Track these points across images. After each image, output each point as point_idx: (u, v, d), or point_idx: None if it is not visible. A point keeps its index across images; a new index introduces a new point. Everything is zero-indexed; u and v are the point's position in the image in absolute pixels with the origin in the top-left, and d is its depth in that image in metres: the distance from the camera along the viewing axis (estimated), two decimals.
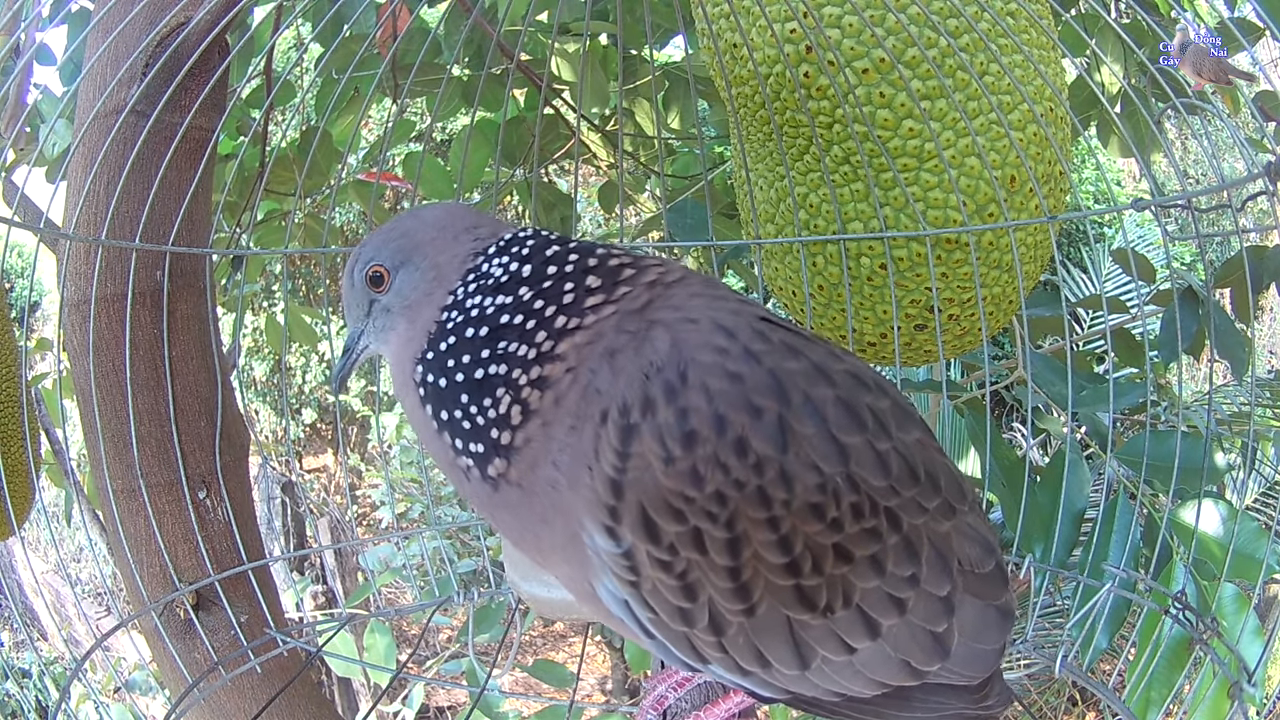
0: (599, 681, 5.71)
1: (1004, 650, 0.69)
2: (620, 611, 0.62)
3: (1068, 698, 4.00)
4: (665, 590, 0.59)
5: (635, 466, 0.57)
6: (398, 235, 0.70)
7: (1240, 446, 1.97)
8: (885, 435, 0.61)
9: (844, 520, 0.58)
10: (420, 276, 0.68)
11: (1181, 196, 1.00)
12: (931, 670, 0.64)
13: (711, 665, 0.62)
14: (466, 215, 0.70)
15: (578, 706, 1.36)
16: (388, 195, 3.37)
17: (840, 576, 0.59)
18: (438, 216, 0.70)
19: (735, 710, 0.76)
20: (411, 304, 0.68)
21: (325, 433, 7.41)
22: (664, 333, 0.60)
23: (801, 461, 0.57)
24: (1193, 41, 1.19)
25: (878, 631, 0.61)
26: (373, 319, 0.71)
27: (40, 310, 6.25)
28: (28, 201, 1.61)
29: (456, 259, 0.67)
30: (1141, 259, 1.43)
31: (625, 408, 0.57)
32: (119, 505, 1.25)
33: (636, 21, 1.86)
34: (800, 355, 0.61)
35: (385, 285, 0.69)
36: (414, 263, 0.68)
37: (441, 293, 0.66)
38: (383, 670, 1.40)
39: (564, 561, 0.63)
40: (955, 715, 0.68)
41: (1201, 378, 1.53)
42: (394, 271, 0.69)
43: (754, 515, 0.57)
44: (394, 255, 0.69)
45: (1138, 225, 5.68)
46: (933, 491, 0.63)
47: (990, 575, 0.67)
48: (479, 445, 0.62)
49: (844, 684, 0.63)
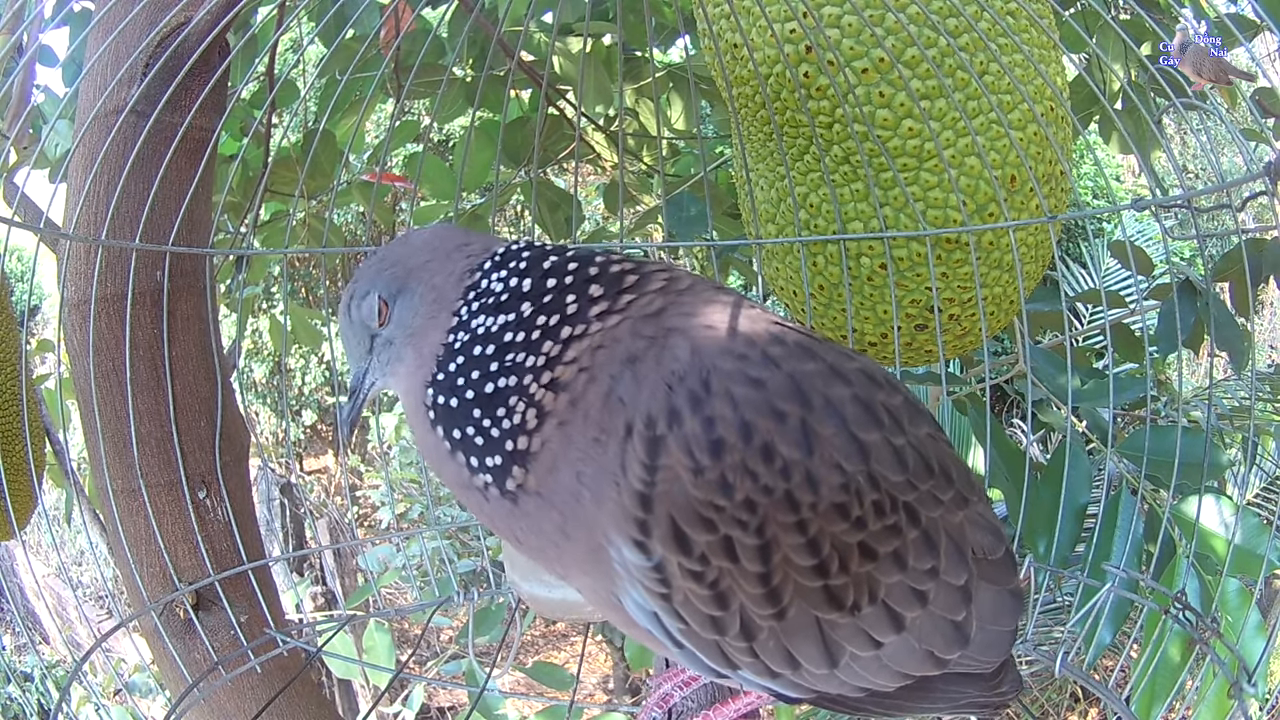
0: (600, 681, 5.71)
1: (1016, 634, 0.71)
2: (649, 623, 0.62)
3: (1070, 694, 4.00)
4: (697, 600, 0.59)
5: (664, 479, 0.57)
6: (390, 264, 0.68)
7: (1241, 441, 1.97)
8: (900, 431, 0.62)
9: (867, 518, 0.59)
10: (419, 301, 0.66)
11: (1182, 196, 1.00)
12: (953, 658, 0.66)
13: (741, 671, 0.62)
14: (455, 234, 0.69)
15: (578, 706, 1.36)
16: (389, 195, 3.38)
17: (866, 574, 0.60)
18: (426, 239, 0.69)
19: (743, 710, 0.76)
20: (415, 331, 0.66)
21: (325, 434, 7.42)
22: (683, 340, 0.60)
23: (825, 463, 0.58)
24: (1193, 41, 1.19)
25: (902, 625, 0.62)
26: (376, 354, 0.69)
27: (40, 314, 6.25)
28: (28, 201, 1.61)
29: (454, 277, 0.66)
30: (1140, 253, 1.43)
31: (651, 420, 0.57)
32: (119, 505, 1.25)
33: (638, 21, 1.87)
34: (816, 357, 0.61)
35: (384, 317, 0.67)
36: (411, 289, 0.66)
37: (445, 314, 0.65)
38: (383, 671, 1.40)
39: (585, 574, 0.62)
40: (972, 702, 0.70)
41: (1202, 373, 1.53)
42: (391, 301, 0.67)
43: (783, 519, 0.57)
44: (389, 285, 0.67)
45: (1137, 220, 5.68)
46: (946, 484, 0.64)
47: (1001, 561, 0.69)
48: (495, 458, 0.61)
49: (871, 679, 0.64)
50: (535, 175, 1.76)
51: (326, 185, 1.92)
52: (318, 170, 1.86)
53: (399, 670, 1.25)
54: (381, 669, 1.40)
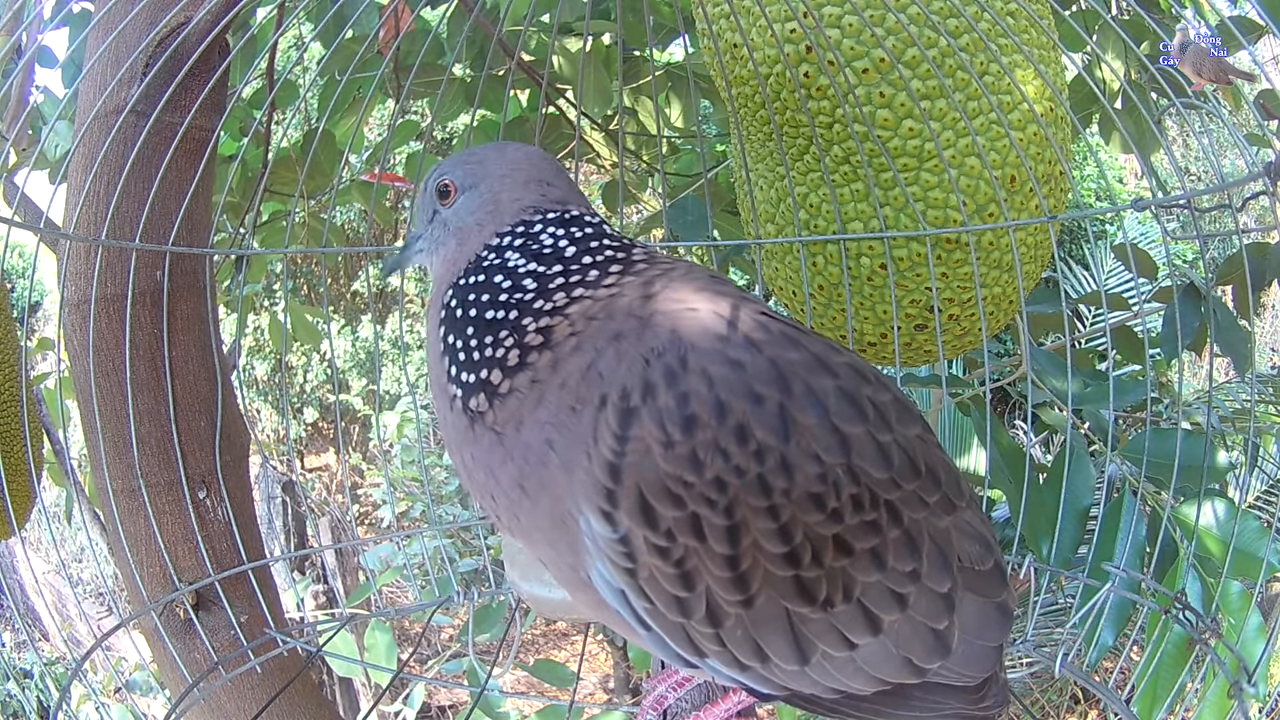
0: (600, 680, 5.70)
1: (1003, 650, 0.69)
2: (616, 601, 0.61)
3: (1070, 695, 3.99)
4: (662, 578, 0.58)
5: (634, 450, 0.57)
6: (476, 160, 0.73)
7: (1242, 443, 1.97)
8: (886, 428, 0.61)
9: (844, 511, 0.58)
10: (479, 204, 0.70)
11: (1182, 196, 0.99)
12: (932, 668, 0.64)
13: (709, 660, 0.61)
14: (545, 168, 0.72)
15: (579, 706, 1.36)
16: (390, 195, 3.38)
17: (840, 569, 0.59)
18: (518, 158, 0.72)
19: (735, 710, 0.76)
20: (464, 228, 0.71)
21: (327, 432, 7.42)
22: (665, 320, 0.60)
23: (803, 451, 0.57)
24: (1193, 41, 1.18)
25: (879, 627, 0.61)
26: (432, 229, 0.74)
27: (41, 310, 6.25)
28: (28, 201, 1.61)
29: (517, 204, 0.69)
30: (1142, 255, 1.43)
31: (625, 392, 0.57)
32: (119, 505, 1.25)
33: (638, 21, 1.86)
34: (800, 346, 0.61)
35: (451, 200, 0.72)
36: (479, 190, 0.71)
37: (490, 230, 0.69)
38: (383, 670, 1.40)
39: (549, 544, 0.63)
40: (953, 715, 0.68)
41: (1203, 375, 1.53)
42: (461, 190, 0.72)
43: (754, 503, 0.57)
44: (465, 176, 0.72)
45: (1139, 222, 5.68)
46: (933, 486, 0.63)
47: (990, 573, 0.67)
48: (470, 376, 0.64)
49: (845, 681, 0.63)
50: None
51: (326, 185, 1.92)
52: (317, 170, 1.86)
53: (400, 669, 1.25)
54: (382, 668, 1.40)
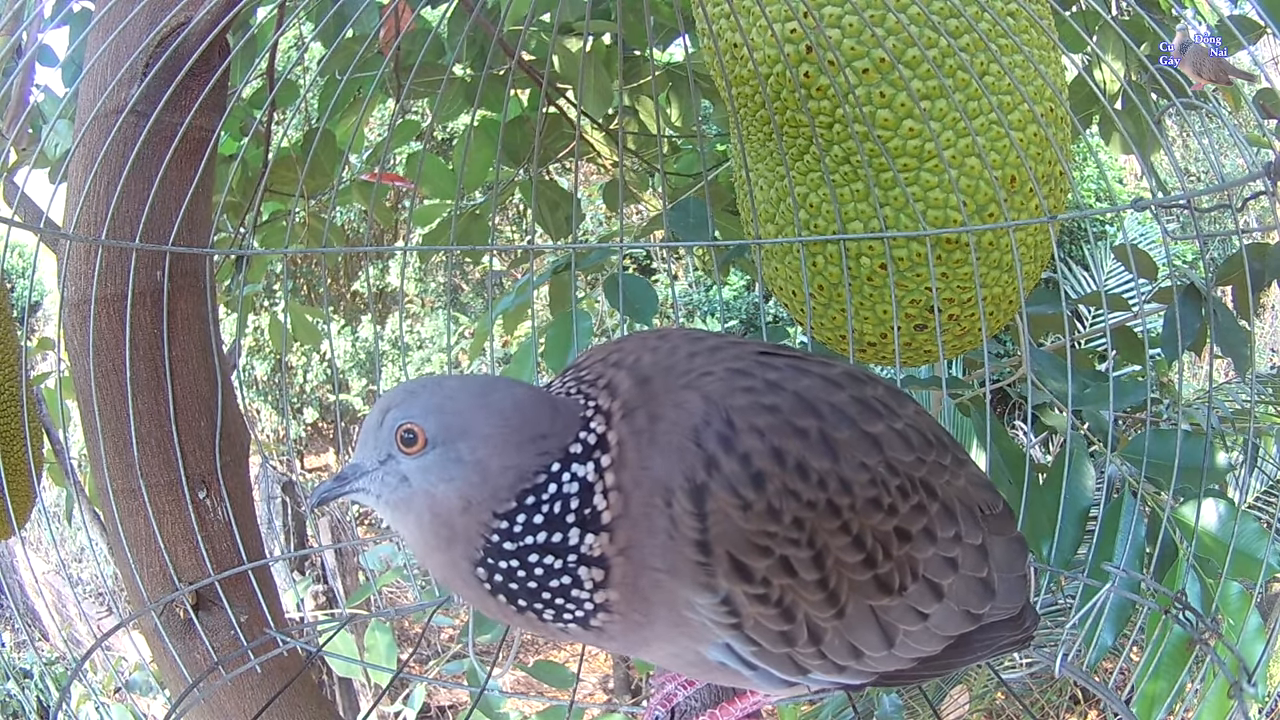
0: (600, 680, 5.71)
1: (1027, 577, 0.76)
2: (721, 656, 0.63)
3: (1070, 696, 3.99)
4: (766, 620, 0.61)
5: (715, 522, 0.59)
6: (451, 410, 0.61)
7: (1242, 443, 1.97)
8: (895, 416, 0.66)
9: (897, 503, 0.63)
10: (460, 473, 0.60)
11: (1182, 196, 0.99)
12: (985, 611, 0.70)
13: (811, 674, 0.65)
14: (540, 417, 0.62)
15: (579, 706, 1.36)
16: (390, 195, 3.38)
17: (905, 555, 0.64)
18: (507, 412, 0.61)
19: (750, 710, 0.77)
20: (438, 497, 0.60)
21: (327, 432, 7.42)
22: (689, 395, 0.61)
23: (851, 464, 0.62)
24: (1193, 41, 1.18)
25: (942, 593, 0.67)
26: (384, 472, 0.62)
27: (41, 310, 6.25)
28: (28, 201, 1.61)
29: (512, 472, 0.59)
30: (1143, 256, 1.43)
31: (689, 474, 0.59)
32: (119, 505, 1.25)
33: (638, 20, 1.86)
34: (807, 371, 0.65)
35: (417, 450, 0.60)
36: (459, 452, 0.60)
37: (485, 510, 0.59)
38: (383, 670, 1.40)
39: (668, 643, 0.64)
40: (1006, 645, 0.75)
41: (1203, 375, 1.53)
42: (431, 445, 0.60)
43: (828, 526, 0.60)
44: (439, 429, 0.60)
45: (1139, 223, 5.68)
46: (944, 450, 0.69)
47: (1003, 514, 0.75)
48: (578, 612, 0.61)
49: (921, 649, 0.68)
50: (535, 174, 1.76)
51: (326, 185, 1.92)
52: (318, 170, 1.86)
53: (400, 669, 1.25)
54: (382, 668, 1.40)
